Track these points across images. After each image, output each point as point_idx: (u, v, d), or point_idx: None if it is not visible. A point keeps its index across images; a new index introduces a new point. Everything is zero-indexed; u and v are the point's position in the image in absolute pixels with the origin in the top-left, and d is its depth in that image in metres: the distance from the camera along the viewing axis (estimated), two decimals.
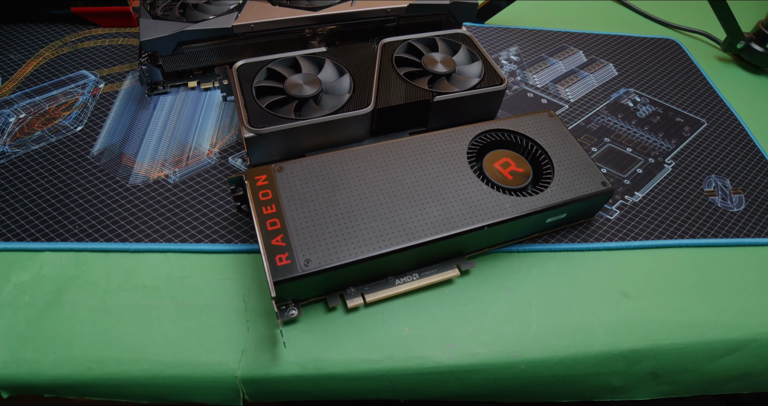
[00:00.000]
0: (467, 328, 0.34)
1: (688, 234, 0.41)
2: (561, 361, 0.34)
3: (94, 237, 0.37)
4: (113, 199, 0.39)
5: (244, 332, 0.33)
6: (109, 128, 0.45)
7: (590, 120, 0.51)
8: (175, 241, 0.37)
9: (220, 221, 0.39)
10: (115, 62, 0.51)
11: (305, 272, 0.31)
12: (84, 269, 0.35)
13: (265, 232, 0.32)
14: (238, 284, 0.35)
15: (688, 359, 0.36)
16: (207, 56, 0.47)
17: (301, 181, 0.35)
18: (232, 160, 0.43)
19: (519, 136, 0.41)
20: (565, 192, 0.37)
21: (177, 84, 0.48)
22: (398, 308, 0.35)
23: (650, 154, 0.48)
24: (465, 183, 0.37)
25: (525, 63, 0.57)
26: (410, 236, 0.33)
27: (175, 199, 0.40)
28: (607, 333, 0.35)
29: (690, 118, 0.53)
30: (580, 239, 0.40)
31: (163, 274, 0.35)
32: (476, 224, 0.35)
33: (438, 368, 0.33)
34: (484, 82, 0.45)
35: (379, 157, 0.37)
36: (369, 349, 0.33)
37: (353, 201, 0.34)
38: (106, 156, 0.42)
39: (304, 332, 0.33)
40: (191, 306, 0.34)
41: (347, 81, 0.43)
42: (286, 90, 0.41)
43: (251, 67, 0.42)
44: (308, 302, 0.34)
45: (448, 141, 0.39)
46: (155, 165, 0.42)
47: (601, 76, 0.57)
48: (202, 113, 0.47)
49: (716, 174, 0.47)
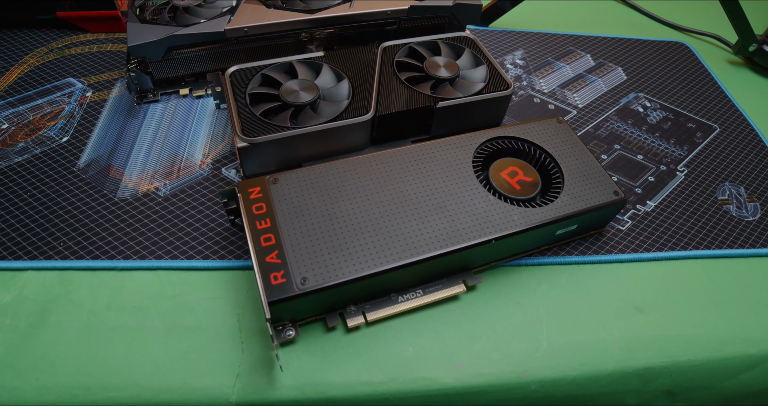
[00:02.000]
0: (474, 346, 0.33)
1: (703, 245, 0.40)
2: (573, 380, 0.33)
3: (80, 254, 0.35)
4: (100, 214, 0.38)
5: (239, 354, 0.31)
6: (96, 139, 0.43)
7: (599, 126, 0.49)
8: (165, 257, 0.35)
9: (213, 236, 0.37)
10: (103, 69, 0.50)
11: (302, 292, 0.29)
12: (69, 288, 0.33)
13: (259, 248, 0.30)
14: (232, 303, 0.34)
15: (705, 375, 0.35)
16: (199, 62, 0.45)
17: (298, 194, 0.33)
18: (226, 171, 0.41)
19: (527, 143, 0.39)
20: (575, 202, 0.36)
21: (168, 92, 0.47)
22: (401, 327, 0.34)
23: (662, 161, 0.46)
24: (471, 194, 0.35)
25: (531, 67, 0.55)
26: (414, 250, 0.32)
27: (166, 214, 0.38)
28: (621, 350, 0.34)
29: (702, 123, 0.51)
30: (591, 251, 0.39)
31: (153, 293, 0.34)
32: (483, 238, 0.33)
33: (444, 389, 0.31)
34: (489, 87, 0.43)
35: (380, 166, 0.36)
36: (371, 370, 0.31)
37: (353, 214, 0.33)
38: (93, 168, 0.41)
39: (302, 353, 0.32)
40: (182, 327, 0.32)
41: (346, 87, 0.41)
42: (282, 97, 0.39)
43: (245, 73, 0.41)
44: (306, 322, 0.33)
45: (453, 149, 0.38)
46: (145, 177, 0.40)
47: (610, 81, 0.55)
48: (194, 122, 0.45)
49: (730, 182, 0.46)
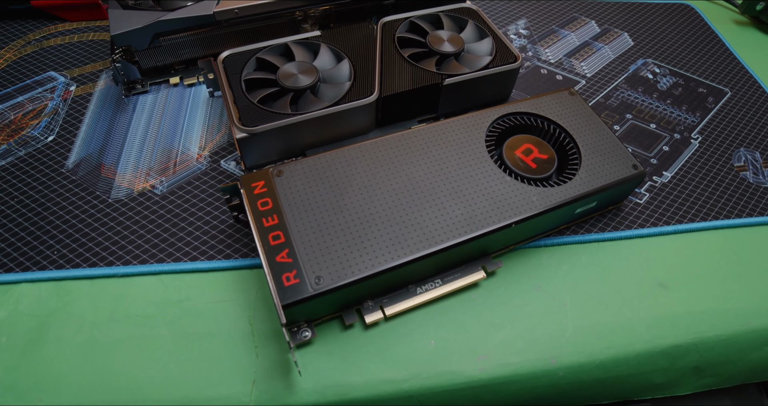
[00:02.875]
0: (498, 335, 0.32)
1: (722, 214, 0.39)
2: (601, 364, 0.32)
3: (76, 263, 0.33)
4: (95, 218, 0.36)
5: (254, 359, 0.30)
6: (84, 136, 0.41)
7: (609, 95, 0.47)
8: (167, 260, 0.33)
9: (217, 234, 0.35)
10: (86, 60, 0.47)
11: (317, 292, 0.27)
12: (67, 300, 0.32)
13: (268, 247, 0.28)
14: (242, 305, 0.32)
15: (733, 349, 0.34)
16: (188, 48, 0.43)
17: (304, 186, 0.31)
18: (225, 163, 0.39)
19: (539, 118, 0.37)
20: (595, 179, 0.34)
21: (157, 81, 0.45)
22: (421, 320, 0.32)
23: (675, 129, 0.45)
24: (486, 176, 0.33)
25: (535, 37, 0.53)
26: (431, 240, 0.30)
27: (165, 213, 0.36)
28: (647, 330, 0.33)
29: (713, 87, 0.49)
30: (610, 228, 0.38)
31: (158, 299, 0.32)
32: (503, 222, 0.31)
33: (470, 382, 0.31)
34: (496, 61, 0.41)
35: (389, 151, 0.34)
36: (393, 368, 0.30)
37: (364, 205, 0.31)
38: (83, 168, 0.39)
39: (320, 354, 0.30)
40: (191, 334, 0.31)
41: (346, 67, 0.39)
42: (280, 81, 0.38)
43: (238, 57, 0.39)
44: (322, 321, 0.31)
45: (464, 129, 0.36)
46: (139, 175, 0.38)
47: (617, 47, 0.53)
48: (187, 112, 0.43)
49: (745, 147, 0.45)
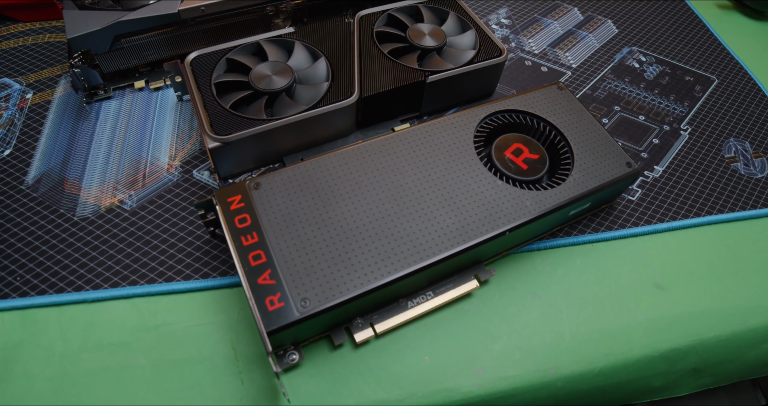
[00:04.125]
0: (495, 347, 0.31)
1: (716, 209, 0.39)
2: (600, 372, 0.31)
3: (42, 289, 0.31)
4: (59, 238, 0.33)
5: (238, 385, 0.28)
6: (44, 149, 0.38)
7: (596, 87, 0.46)
8: (141, 282, 0.31)
9: (193, 251, 0.33)
10: (42, 65, 0.44)
11: (304, 315, 0.25)
12: (33, 330, 0.30)
13: (249, 268, 0.26)
14: (223, 328, 0.30)
15: (731, 349, 0.34)
16: (152, 49, 0.40)
17: (284, 199, 0.29)
18: (198, 173, 0.37)
19: (528, 116, 0.36)
20: (589, 179, 0.33)
21: (121, 86, 0.42)
22: (414, 335, 0.31)
23: (664, 120, 0.44)
24: (477, 180, 0.32)
25: (518, 26, 0.51)
26: (423, 253, 0.28)
27: (135, 230, 0.34)
28: (646, 334, 0.33)
29: (699, 75, 0.49)
30: (603, 228, 0.37)
31: (132, 325, 0.30)
32: (496, 230, 0.30)
33: (467, 399, 0.30)
34: (481, 55, 0.39)
35: (373, 157, 0.32)
36: (387, 387, 0.29)
37: (350, 217, 0.29)
38: (45, 184, 0.36)
39: (309, 377, 0.29)
40: (171, 361, 0.29)
41: (323, 66, 0.37)
42: (253, 84, 0.35)
43: (207, 59, 0.37)
44: (309, 342, 0.29)
45: (451, 130, 0.34)
46: (106, 189, 0.36)
47: (601, 36, 0.51)
48: (155, 119, 0.40)
49: (734, 137, 0.44)
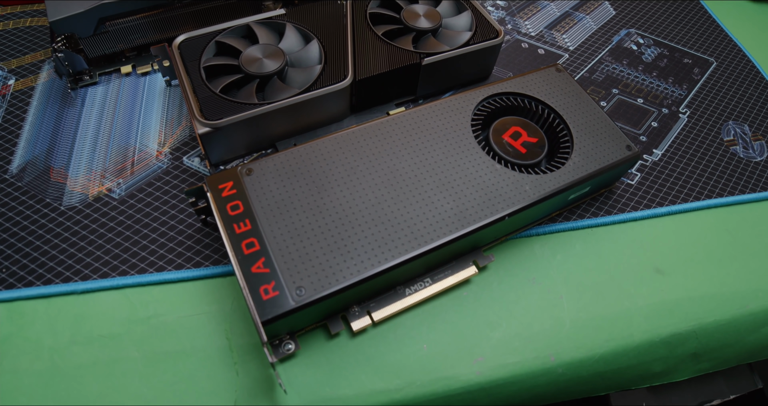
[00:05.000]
0: (494, 335, 0.31)
1: (715, 192, 0.38)
2: (601, 358, 0.31)
3: (29, 281, 0.30)
4: (46, 229, 0.32)
5: (233, 377, 0.28)
6: (28, 137, 0.37)
7: (594, 69, 0.45)
8: (131, 272, 0.30)
9: (184, 240, 0.32)
10: (24, 50, 0.43)
11: (299, 304, 0.25)
12: (21, 323, 0.29)
13: (242, 257, 0.26)
14: (217, 318, 0.29)
15: (730, 333, 0.34)
16: (139, 33, 0.39)
17: (277, 185, 0.28)
18: (188, 160, 0.36)
19: (527, 98, 0.35)
20: (588, 163, 0.33)
21: (107, 71, 0.41)
22: (412, 323, 0.30)
23: (663, 103, 0.43)
24: (475, 164, 0.31)
25: (514, 8, 0.50)
26: (421, 239, 0.28)
27: (125, 219, 0.33)
28: (646, 320, 0.32)
29: (698, 58, 0.48)
30: (603, 212, 0.36)
31: (123, 317, 0.29)
32: (495, 215, 0.29)
33: (467, 387, 0.29)
34: (477, 37, 0.38)
35: (369, 141, 0.31)
36: (385, 377, 0.28)
37: (345, 203, 0.28)
38: (30, 173, 0.35)
39: (305, 367, 0.28)
40: (163, 354, 0.28)
41: (316, 49, 0.36)
42: (243, 67, 0.34)
43: (196, 42, 0.36)
44: (305, 331, 0.29)
45: (448, 113, 0.33)
46: (93, 178, 0.35)
47: (599, 17, 0.50)
48: (143, 105, 0.39)
49: (733, 120, 0.44)
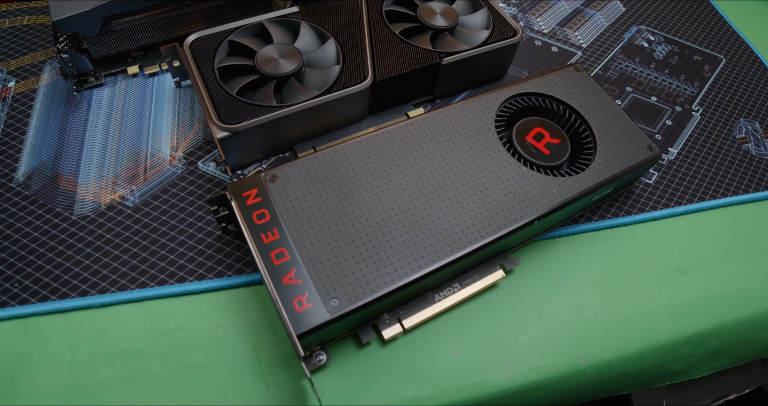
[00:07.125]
0: (524, 338, 0.30)
1: (730, 191, 0.39)
2: (628, 358, 0.31)
3: (43, 295, 0.29)
4: (58, 239, 0.31)
5: (263, 389, 0.27)
6: (33, 142, 0.35)
7: (608, 67, 0.45)
8: (151, 284, 0.29)
9: (204, 248, 0.31)
10: (24, 50, 0.41)
11: (335, 316, 0.24)
12: (38, 340, 0.28)
13: (272, 268, 0.25)
14: (243, 329, 0.28)
15: (749, 330, 0.34)
16: (147, 32, 0.37)
17: (303, 191, 0.27)
18: (204, 165, 0.35)
19: (548, 99, 0.34)
20: (613, 164, 0.32)
21: (113, 72, 0.39)
22: (442, 329, 0.30)
23: (676, 101, 0.43)
24: (501, 167, 0.30)
25: (525, 5, 0.49)
26: (453, 245, 0.27)
27: (141, 228, 0.31)
28: (670, 319, 0.33)
29: (708, 55, 0.48)
30: (623, 212, 0.36)
31: (145, 330, 0.28)
32: (525, 219, 0.29)
33: (499, 391, 0.29)
34: (495, 35, 0.37)
35: (394, 145, 0.30)
36: (417, 384, 0.28)
37: (374, 209, 0.27)
38: (37, 181, 0.33)
39: (337, 377, 0.27)
40: (189, 368, 0.27)
41: (332, 48, 0.35)
42: (259, 68, 0.33)
43: (208, 41, 0.34)
44: (335, 341, 0.28)
45: (471, 115, 0.32)
46: (105, 185, 0.33)
47: (609, 14, 0.50)
48: (152, 107, 0.37)
49: (744, 117, 0.44)
